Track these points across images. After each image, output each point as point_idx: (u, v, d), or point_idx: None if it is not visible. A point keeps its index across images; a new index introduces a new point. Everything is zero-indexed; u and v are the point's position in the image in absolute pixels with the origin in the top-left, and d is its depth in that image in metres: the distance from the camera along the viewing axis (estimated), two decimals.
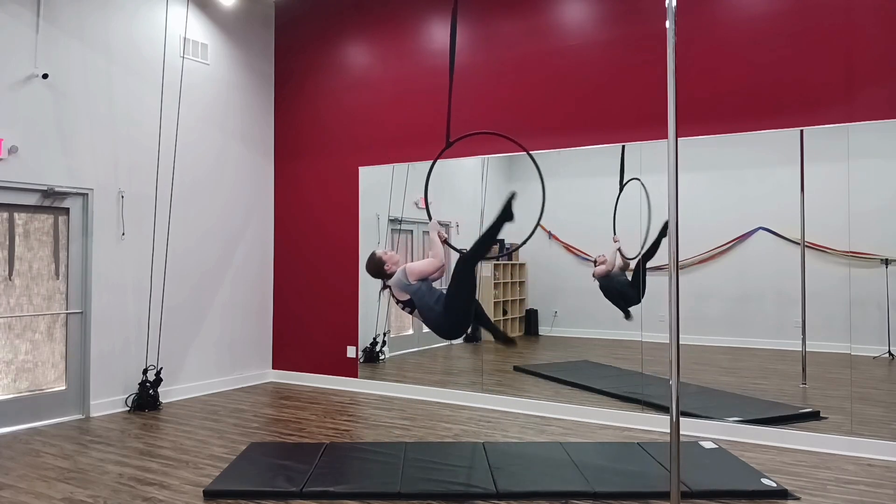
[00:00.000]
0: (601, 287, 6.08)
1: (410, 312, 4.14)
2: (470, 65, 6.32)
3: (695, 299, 5.62)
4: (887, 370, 5.03)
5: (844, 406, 4.84)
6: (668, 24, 3.20)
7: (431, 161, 4.40)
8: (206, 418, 5.69)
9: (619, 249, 6.00)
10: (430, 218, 4.26)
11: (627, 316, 5.88)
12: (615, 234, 5.99)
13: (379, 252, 4.17)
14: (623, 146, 5.69)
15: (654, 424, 5.30)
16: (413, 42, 6.69)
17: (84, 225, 5.80)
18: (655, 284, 5.71)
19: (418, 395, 6.48)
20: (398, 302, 4.14)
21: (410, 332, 7.31)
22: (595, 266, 6.16)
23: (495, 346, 6.97)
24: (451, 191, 7.05)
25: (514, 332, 7.02)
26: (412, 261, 4.35)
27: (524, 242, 4.49)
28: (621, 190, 5.84)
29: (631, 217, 5.77)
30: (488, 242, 4.14)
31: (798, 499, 3.80)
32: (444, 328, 4.11)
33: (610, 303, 6.03)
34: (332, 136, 7.15)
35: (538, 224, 4.38)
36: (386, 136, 6.80)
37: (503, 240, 6.51)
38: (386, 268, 4.11)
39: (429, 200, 4.32)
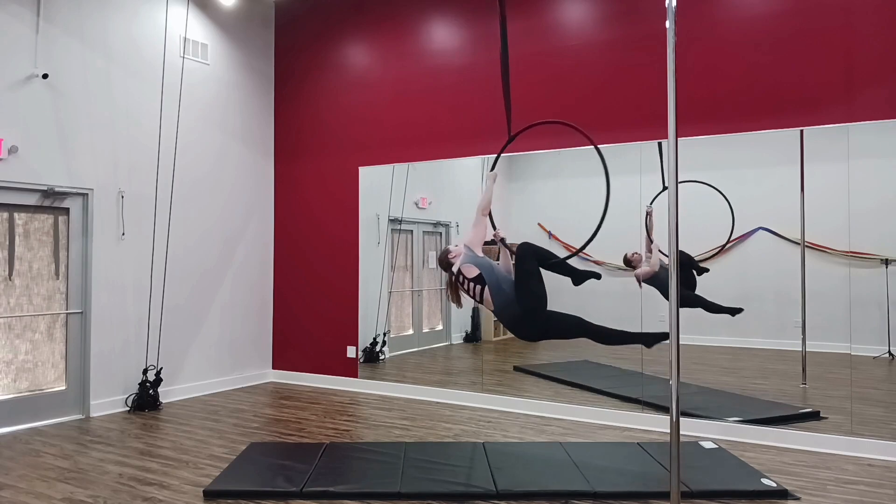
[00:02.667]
0: (657, 287, 5.67)
1: (479, 298, 3.98)
2: (470, 65, 6.32)
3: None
4: (887, 370, 5.03)
5: (844, 406, 4.83)
6: (668, 24, 3.20)
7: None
8: (206, 418, 5.69)
9: (658, 249, 5.68)
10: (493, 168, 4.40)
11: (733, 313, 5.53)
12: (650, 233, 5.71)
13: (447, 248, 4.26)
14: (660, 143, 5.53)
15: (654, 424, 5.30)
16: (413, 42, 6.69)
17: (84, 225, 5.80)
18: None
19: (418, 395, 6.48)
20: (467, 283, 4.00)
21: (410, 332, 7.31)
22: (633, 266, 5.76)
23: (495, 346, 6.98)
24: (451, 191, 7.06)
25: None
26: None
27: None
28: (664, 188, 5.66)
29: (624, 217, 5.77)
30: (554, 268, 4.15)
31: (798, 499, 3.80)
32: (516, 318, 3.94)
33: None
34: (332, 136, 7.15)
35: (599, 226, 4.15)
36: (386, 136, 6.80)
37: (503, 239, 6.51)
38: (450, 257, 4.14)
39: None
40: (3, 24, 5.22)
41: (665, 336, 3.92)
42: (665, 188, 5.65)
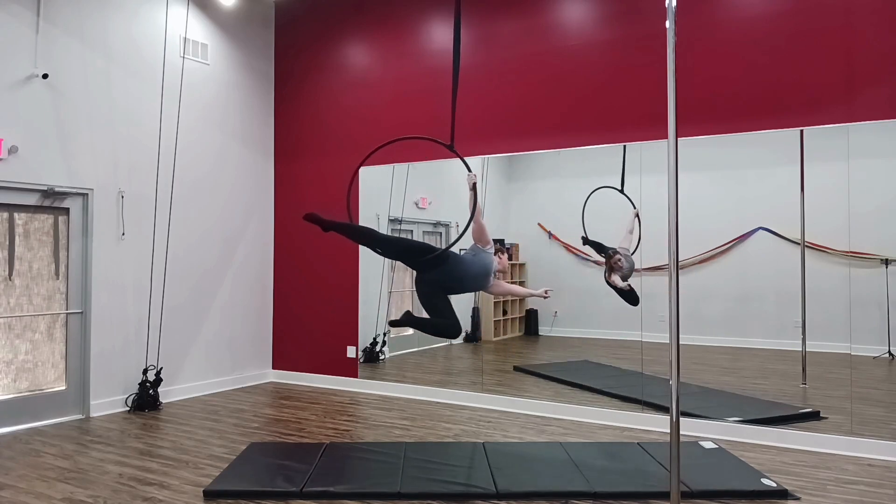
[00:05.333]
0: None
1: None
2: (470, 65, 6.31)
3: (695, 299, 5.62)
4: (887, 370, 5.03)
5: (844, 406, 4.83)
6: (668, 24, 3.20)
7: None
8: (206, 418, 5.69)
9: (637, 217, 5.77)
10: (469, 170, 4.48)
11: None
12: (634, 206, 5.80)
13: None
14: (624, 146, 5.66)
15: (654, 424, 5.30)
16: (413, 42, 6.69)
17: (84, 225, 5.80)
18: (656, 284, 5.71)
19: (418, 395, 6.48)
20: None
21: (410, 331, 7.30)
22: (612, 270, 5.78)
23: (495, 346, 6.98)
24: (450, 191, 7.06)
25: (514, 332, 7.03)
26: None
27: None
28: (622, 190, 5.79)
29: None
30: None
31: (798, 499, 3.80)
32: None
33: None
34: (332, 136, 7.15)
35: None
36: (386, 136, 6.74)
37: (503, 239, 6.52)
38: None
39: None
40: (3, 24, 5.22)
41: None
42: (621, 191, 5.75)
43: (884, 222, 4.92)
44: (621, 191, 5.82)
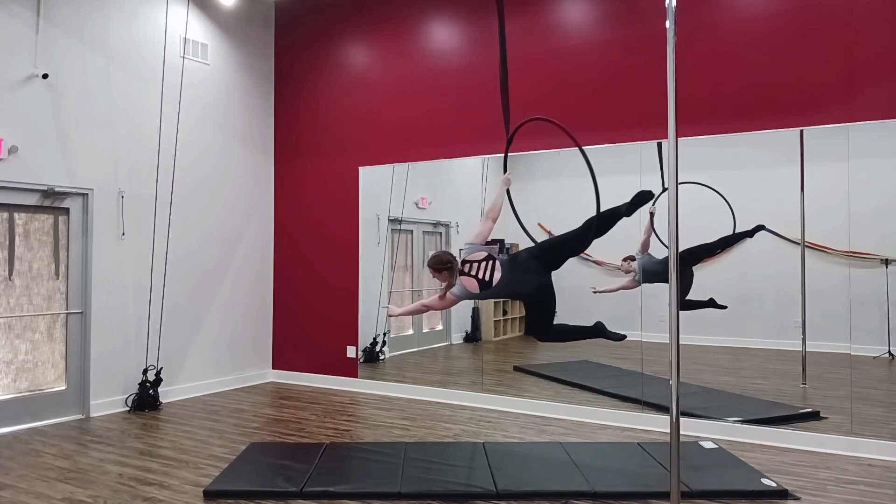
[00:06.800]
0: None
1: (489, 276, 4.05)
2: (470, 65, 6.32)
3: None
4: (887, 370, 5.02)
5: (844, 406, 4.84)
6: (668, 24, 3.20)
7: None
8: (206, 418, 5.69)
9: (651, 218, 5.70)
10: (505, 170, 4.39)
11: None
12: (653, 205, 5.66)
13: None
14: (659, 143, 5.57)
15: (654, 424, 5.30)
16: (413, 42, 6.69)
17: (84, 225, 5.80)
18: (656, 284, 5.71)
19: (418, 395, 6.48)
20: (476, 266, 4.07)
21: (410, 331, 7.31)
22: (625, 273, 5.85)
23: (495, 346, 6.98)
24: (451, 191, 7.06)
25: (514, 332, 7.03)
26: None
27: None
28: (664, 189, 5.72)
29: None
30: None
31: (798, 499, 3.80)
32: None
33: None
34: (332, 136, 7.15)
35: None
36: (386, 136, 6.80)
37: (503, 240, 6.53)
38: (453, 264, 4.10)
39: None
40: (3, 24, 5.22)
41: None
42: (665, 189, 5.67)
43: (884, 222, 4.92)
44: (664, 188, 5.74)
